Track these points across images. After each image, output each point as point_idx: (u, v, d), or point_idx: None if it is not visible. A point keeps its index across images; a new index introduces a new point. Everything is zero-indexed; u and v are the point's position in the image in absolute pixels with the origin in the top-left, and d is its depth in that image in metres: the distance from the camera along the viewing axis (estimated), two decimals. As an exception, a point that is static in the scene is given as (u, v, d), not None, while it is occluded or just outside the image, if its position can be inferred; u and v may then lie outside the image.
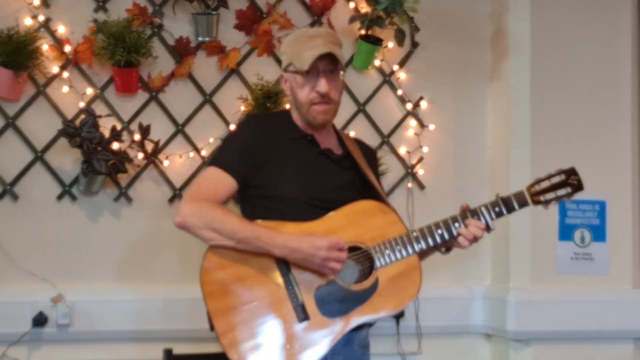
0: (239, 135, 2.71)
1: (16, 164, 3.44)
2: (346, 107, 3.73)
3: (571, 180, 2.71)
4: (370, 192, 2.71)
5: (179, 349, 3.11)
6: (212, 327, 2.50)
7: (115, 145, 3.37)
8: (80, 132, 3.30)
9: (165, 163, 3.54)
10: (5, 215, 3.42)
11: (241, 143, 2.64)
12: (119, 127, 3.45)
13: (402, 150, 3.78)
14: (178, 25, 3.58)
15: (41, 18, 3.46)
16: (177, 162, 3.56)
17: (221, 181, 2.58)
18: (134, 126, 3.50)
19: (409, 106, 3.79)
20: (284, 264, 2.52)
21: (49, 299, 3.37)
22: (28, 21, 3.43)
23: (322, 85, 2.60)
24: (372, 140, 3.73)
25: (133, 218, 3.51)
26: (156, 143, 3.50)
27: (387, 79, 3.78)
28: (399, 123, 3.79)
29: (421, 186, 3.79)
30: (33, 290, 3.39)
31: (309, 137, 2.69)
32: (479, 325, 3.77)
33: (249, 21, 3.63)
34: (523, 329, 3.57)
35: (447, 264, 3.75)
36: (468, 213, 2.64)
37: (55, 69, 3.46)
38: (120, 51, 3.35)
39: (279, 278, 2.51)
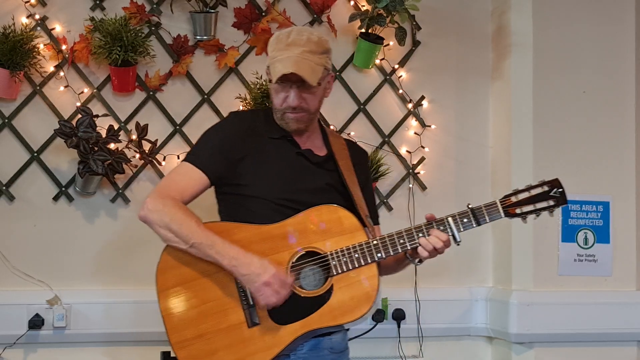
0: (217, 131, 2.68)
1: (12, 164, 3.41)
2: (346, 107, 3.72)
3: (554, 192, 2.57)
4: (351, 196, 2.65)
5: (176, 352, 3.09)
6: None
7: (112, 145, 3.35)
8: (76, 132, 3.27)
9: (163, 163, 3.51)
10: (0, 216, 3.40)
11: (218, 139, 2.62)
12: (116, 126, 3.42)
13: (403, 150, 3.75)
14: (176, 23, 3.56)
15: (37, 16, 3.43)
16: (175, 162, 3.52)
17: (192, 177, 2.58)
18: (131, 126, 3.47)
19: (410, 105, 3.76)
20: None
21: (45, 301, 3.35)
22: (24, 20, 3.41)
23: (291, 99, 2.58)
24: (372, 140, 3.71)
25: (130, 219, 3.48)
26: (153, 143, 3.47)
27: (388, 78, 3.75)
28: (400, 123, 3.76)
29: (422, 186, 3.76)
30: (29, 292, 3.37)
31: (289, 138, 2.66)
32: (480, 328, 3.75)
33: (248, 19, 3.61)
34: (525, 332, 3.55)
35: (449, 266, 3.74)
36: (434, 223, 2.56)
37: (51, 68, 3.43)
38: (117, 50, 3.32)
39: (232, 281, 2.50)
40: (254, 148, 2.61)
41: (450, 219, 2.56)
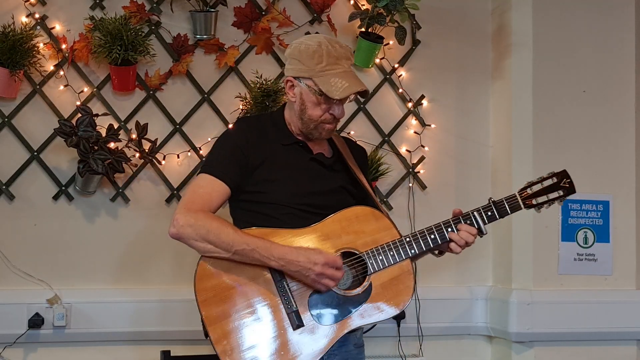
0: (230, 139, 2.68)
1: (12, 164, 3.41)
2: (346, 106, 3.64)
3: (563, 183, 2.71)
4: (362, 194, 2.73)
5: (176, 351, 3.11)
6: (206, 335, 2.51)
7: (112, 145, 3.34)
8: (76, 131, 3.27)
9: (163, 162, 3.51)
10: (0, 215, 3.39)
11: (232, 147, 2.63)
12: (115, 126, 3.42)
13: (403, 150, 3.75)
14: (176, 22, 3.56)
15: (37, 15, 3.42)
16: (175, 161, 3.53)
17: (214, 189, 2.58)
18: (131, 125, 3.47)
19: (410, 105, 3.76)
20: (278, 271, 2.53)
21: (45, 300, 3.35)
22: (24, 19, 3.40)
23: (339, 112, 2.65)
24: (372, 139, 3.71)
25: (130, 218, 3.49)
26: (153, 142, 3.46)
27: (388, 77, 3.75)
28: (400, 122, 3.76)
29: (422, 186, 3.76)
30: (29, 291, 3.36)
31: (301, 144, 2.70)
32: (480, 327, 3.75)
33: (248, 19, 3.60)
34: (525, 331, 3.55)
35: (449, 265, 3.73)
36: (460, 218, 2.66)
37: (51, 67, 3.43)
38: (117, 49, 3.32)
39: (272, 285, 2.52)
40: (268, 155, 2.63)
41: (475, 212, 2.66)
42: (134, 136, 3.44)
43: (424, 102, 3.77)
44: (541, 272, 3.61)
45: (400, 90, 3.75)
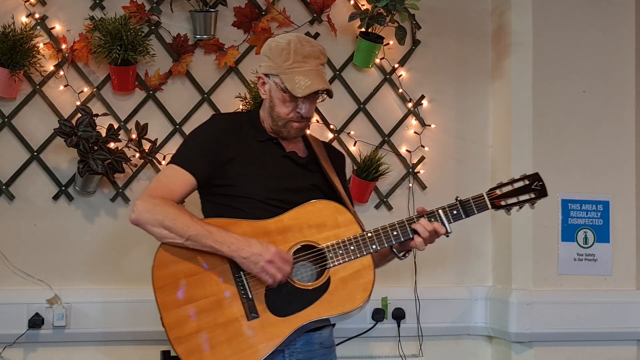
0: (203, 132, 2.69)
1: (12, 164, 3.41)
2: (346, 106, 3.71)
3: (535, 185, 2.69)
4: (335, 196, 2.72)
5: (176, 351, 3.08)
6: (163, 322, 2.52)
7: (112, 145, 3.35)
8: (76, 131, 3.27)
9: (163, 162, 3.50)
10: (0, 215, 3.40)
11: (204, 140, 2.64)
12: (115, 126, 3.42)
13: (403, 150, 3.75)
14: (175, 22, 3.56)
15: (37, 16, 3.43)
16: (175, 161, 3.53)
17: (179, 178, 2.60)
18: (130, 125, 3.47)
19: (410, 105, 3.76)
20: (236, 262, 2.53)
21: (45, 300, 3.35)
22: (24, 19, 3.40)
23: (306, 110, 2.64)
24: (372, 139, 3.71)
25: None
26: (153, 142, 3.47)
27: (388, 77, 3.75)
28: (400, 122, 3.76)
29: (422, 186, 3.76)
30: (29, 291, 3.36)
31: (275, 141, 2.71)
32: (480, 327, 3.74)
33: (248, 19, 3.60)
34: (525, 331, 3.54)
35: (449, 265, 3.74)
36: (425, 215, 2.64)
37: (51, 67, 3.43)
38: (117, 49, 3.32)
39: (230, 275, 2.52)
40: (242, 150, 2.64)
41: (440, 210, 2.65)
42: (134, 136, 3.44)
43: (424, 102, 3.77)
44: (541, 272, 3.60)
45: (400, 90, 3.75)
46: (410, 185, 3.75)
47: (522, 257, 3.63)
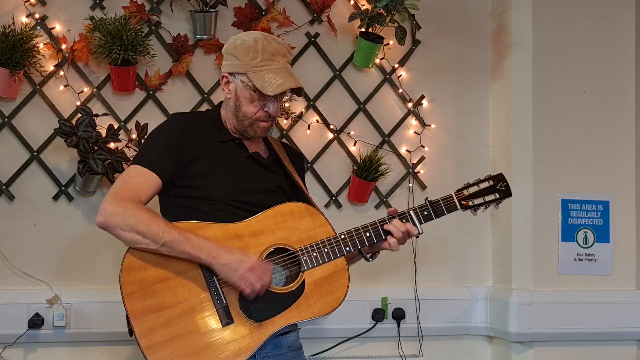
0: (164, 132, 2.61)
1: (12, 164, 3.41)
2: (346, 106, 3.71)
3: (499, 186, 2.70)
4: (298, 195, 2.69)
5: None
6: (131, 332, 2.44)
7: (112, 145, 3.35)
8: (76, 131, 3.27)
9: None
10: (0, 215, 3.39)
11: (166, 140, 2.57)
12: (115, 126, 3.42)
13: (403, 150, 3.75)
14: (176, 22, 3.56)
15: (37, 16, 3.43)
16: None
17: (146, 179, 2.50)
18: (131, 125, 3.47)
19: (410, 105, 3.76)
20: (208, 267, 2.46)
21: (45, 300, 3.35)
22: (24, 19, 3.40)
23: (275, 110, 2.60)
24: (372, 139, 3.71)
25: (130, 218, 3.48)
26: (153, 142, 3.46)
27: (388, 77, 3.75)
28: (400, 122, 3.76)
29: (422, 186, 3.76)
30: (29, 291, 3.36)
31: (237, 141, 2.66)
32: (480, 327, 3.74)
33: (248, 19, 3.60)
34: (525, 331, 3.54)
35: (448, 265, 3.73)
36: (397, 216, 2.63)
37: (51, 67, 3.43)
38: (117, 49, 3.32)
39: (202, 280, 2.45)
40: (204, 150, 2.58)
41: (412, 211, 2.65)
42: (134, 136, 3.44)
43: (424, 102, 3.77)
44: (541, 272, 3.60)
45: (400, 91, 3.75)
46: (410, 185, 3.75)
47: (522, 257, 3.63)
